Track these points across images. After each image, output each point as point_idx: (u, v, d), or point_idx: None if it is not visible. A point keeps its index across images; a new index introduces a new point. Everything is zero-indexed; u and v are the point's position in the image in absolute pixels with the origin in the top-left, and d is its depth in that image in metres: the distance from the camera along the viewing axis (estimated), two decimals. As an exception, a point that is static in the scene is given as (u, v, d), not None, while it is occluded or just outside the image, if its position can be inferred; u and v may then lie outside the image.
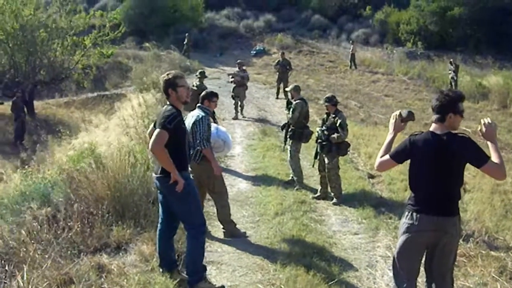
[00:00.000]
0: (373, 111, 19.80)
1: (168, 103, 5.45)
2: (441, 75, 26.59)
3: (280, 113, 17.56)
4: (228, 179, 10.55)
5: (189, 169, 5.93)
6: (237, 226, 7.42)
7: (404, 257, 4.46)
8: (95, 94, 25.60)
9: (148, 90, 19.02)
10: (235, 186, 10.05)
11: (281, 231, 7.29)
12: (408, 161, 4.48)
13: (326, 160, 9.16)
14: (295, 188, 9.70)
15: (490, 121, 4.33)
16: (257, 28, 39.22)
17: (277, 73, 21.49)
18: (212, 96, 7.41)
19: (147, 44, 30.57)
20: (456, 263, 5.20)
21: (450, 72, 24.31)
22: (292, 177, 10.11)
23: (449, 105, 4.34)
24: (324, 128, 9.15)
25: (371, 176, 10.89)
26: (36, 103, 23.53)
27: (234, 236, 7.20)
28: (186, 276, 5.57)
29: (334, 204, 8.97)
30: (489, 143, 4.30)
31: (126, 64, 29.37)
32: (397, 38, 36.67)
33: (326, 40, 37.71)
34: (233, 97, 17.14)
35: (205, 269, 5.67)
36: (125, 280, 5.42)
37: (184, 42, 31.37)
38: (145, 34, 34.62)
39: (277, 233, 7.25)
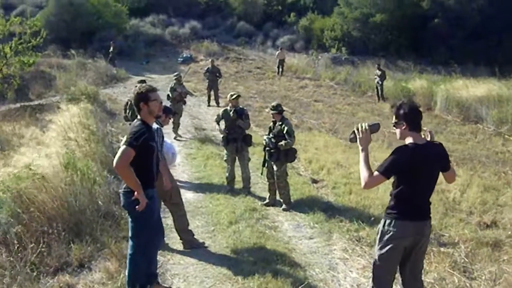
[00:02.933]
0: (305, 116, 20.13)
1: (138, 117, 5.34)
2: (367, 80, 27.35)
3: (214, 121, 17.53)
4: (173, 190, 10.55)
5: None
6: (194, 236, 7.46)
7: (388, 263, 4.64)
8: (18, 105, 24.65)
9: (79, 100, 18.53)
10: (182, 196, 9.99)
11: (239, 240, 7.39)
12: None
13: (275, 168, 9.30)
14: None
15: (429, 129, 4.73)
16: (183, 35, 39.08)
17: (207, 81, 21.54)
18: (169, 112, 7.49)
19: (72, 52, 29.74)
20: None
21: (375, 77, 25.07)
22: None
23: (421, 115, 4.59)
24: (271, 136, 9.30)
25: (315, 181, 11.14)
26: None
27: (193, 247, 7.20)
28: (166, 286, 5.59)
29: (284, 210, 9.13)
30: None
31: (49, 73, 28.41)
32: (321, 44, 37.55)
33: (252, 47, 38.09)
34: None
35: (147, 283, 5.55)
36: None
37: (110, 50, 30.76)
38: (68, 42, 33.63)
39: (236, 241, 7.33)
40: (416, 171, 4.46)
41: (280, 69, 30.99)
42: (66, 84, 23.36)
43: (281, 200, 9.36)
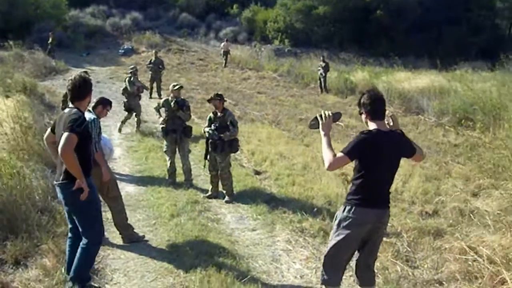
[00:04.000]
0: (248, 108, 20.10)
1: (71, 106, 5.26)
2: (310, 72, 27.55)
3: (156, 113, 17.28)
4: (114, 183, 10.31)
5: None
6: (135, 230, 7.29)
7: (344, 249, 4.61)
8: (-51, 97, 23.68)
9: (15, 93, 17.89)
10: (123, 190, 9.72)
11: (181, 233, 7.24)
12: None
13: (218, 159, 9.20)
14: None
15: (392, 113, 4.73)
16: (124, 26, 38.33)
17: (150, 73, 21.22)
18: (107, 104, 7.31)
19: (10, 43, 28.67)
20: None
21: (319, 68, 25.25)
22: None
23: (384, 103, 4.61)
24: (213, 127, 9.18)
25: (258, 173, 11.08)
26: None
27: (133, 241, 7.03)
28: (97, 286, 5.41)
29: (227, 202, 9.05)
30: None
31: (-16, 65, 27.46)
32: (264, 35, 37.66)
33: (195, 39, 37.81)
34: (126, 110, 15.19)
35: (89, 279, 5.50)
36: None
37: (48, 42, 29.83)
38: (4, 32, 32.43)
39: (177, 235, 7.19)
40: (377, 157, 4.47)
41: (225, 61, 31.02)
42: (1, 76, 22.51)
43: (224, 192, 9.27)
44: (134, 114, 15.14)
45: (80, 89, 5.24)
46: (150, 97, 20.90)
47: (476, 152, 12.45)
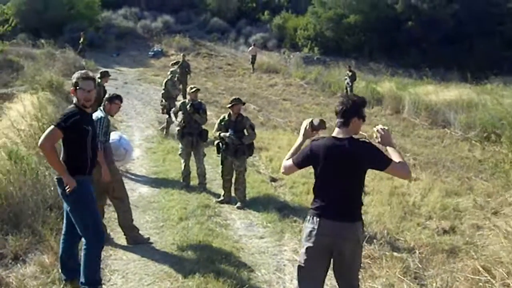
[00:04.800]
0: (272, 114, 19.98)
1: (73, 102, 5.24)
2: (337, 80, 27.28)
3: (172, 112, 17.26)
4: (128, 183, 10.23)
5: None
6: (140, 232, 7.18)
7: (309, 264, 4.35)
8: (-17, 93, 24.07)
9: (42, 90, 18.07)
10: (136, 191, 9.77)
11: (186, 237, 7.11)
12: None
13: (237, 163, 9.09)
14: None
15: (382, 127, 4.42)
16: (155, 29, 38.53)
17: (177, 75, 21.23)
18: (114, 98, 7.20)
19: (42, 41, 29.06)
20: (362, 265, 5.28)
21: (346, 78, 25.01)
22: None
23: (354, 109, 4.32)
24: (232, 132, 9.04)
25: (273, 180, 10.93)
26: None
27: (137, 243, 6.94)
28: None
29: (239, 208, 8.91)
30: (388, 148, 4.38)
31: (17, 62, 27.78)
32: (294, 43, 37.48)
33: (224, 43, 37.76)
34: (167, 113, 14.96)
35: (100, 282, 5.35)
36: (24, 293, 5.07)
37: (80, 41, 30.22)
38: (38, 31, 32.95)
39: (183, 238, 7.06)
40: (326, 166, 4.27)
41: (252, 65, 31.19)
42: (33, 74, 22.77)
43: (236, 198, 9.12)
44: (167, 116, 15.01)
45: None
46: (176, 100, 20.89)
47: (501, 169, 12.06)
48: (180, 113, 10.13)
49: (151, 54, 33.99)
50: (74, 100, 5.20)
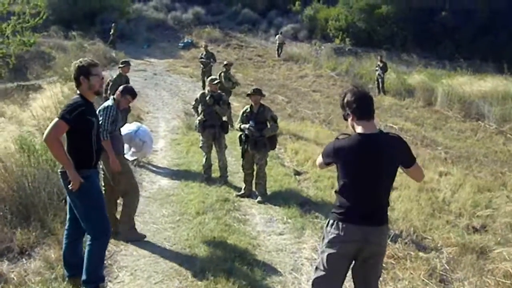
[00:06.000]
0: (301, 106, 19.66)
1: (77, 92, 4.95)
2: (368, 72, 26.80)
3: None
4: (149, 175, 10.09)
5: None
6: (155, 225, 6.94)
7: (329, 270, 3.96)
8: (15, 84, 24.28)
9: (69, 81, 18.12)
10: (156, 183, 9.57)
11: (201, 232, 6.82)
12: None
13: (258, 157, 8.80)
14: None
15: None
16: (185, 20, 38.46)
17: (201, 66, 21.02)
18: (126, 92, 6.97)
19: (73, 33, 29.18)
20: (384, 265, 4.93)
21: (377, 69, 24.49)
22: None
23: (372, 101, 3.97)
24: (252, 123, 8.73)
25: (298, 173, 10.58)
26: None
27: (129, 240, 6.58)
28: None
29: (259, 202, 8.61)
30: None
31: (49, 54, 28.00)
32: (325, 34, 36.94)
33: (255, 35, 37.48)
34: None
35: (103, 280, 5.11)
36: (24, 290, 4.85)
37: (110, 33, 30.34)
38: (69, 23, 33.12)
39: (197, 234, 6.78)
40: (358, 165, 3.84)
41: (279, 51, 31.86)
42: (62, 65, 22.84)
43: (257, 192, 8.84)
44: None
45: (74, 74, 4.92)
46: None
47: (538, 164, 11.58)
48: (200, 105, 9.85)
49: (181, 46, 33.90)
50: (80, 90, 4.93)
